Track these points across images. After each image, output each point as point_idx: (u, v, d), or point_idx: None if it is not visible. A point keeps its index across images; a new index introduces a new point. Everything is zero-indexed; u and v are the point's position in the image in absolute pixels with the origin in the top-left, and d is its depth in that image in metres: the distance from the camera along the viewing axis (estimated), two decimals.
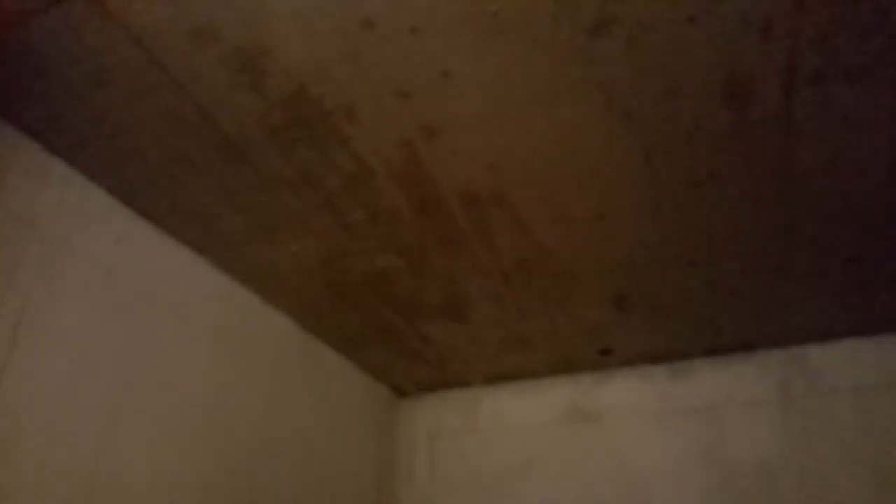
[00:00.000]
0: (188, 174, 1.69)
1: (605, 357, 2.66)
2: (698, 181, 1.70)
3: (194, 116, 1.52)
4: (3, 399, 1.42)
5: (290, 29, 1.31)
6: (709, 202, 1.77)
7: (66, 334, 1.58)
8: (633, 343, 2.54)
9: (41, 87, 1.43)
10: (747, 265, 2.03)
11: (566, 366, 2.75)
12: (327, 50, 1.35)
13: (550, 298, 2.23)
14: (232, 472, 1.99)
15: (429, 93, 1.46)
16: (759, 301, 2.23)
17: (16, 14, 1.28)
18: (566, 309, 2.30)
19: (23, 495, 1.42)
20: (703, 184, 1.71)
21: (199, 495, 1.86)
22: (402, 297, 2.25)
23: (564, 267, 2.06)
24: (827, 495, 2.28)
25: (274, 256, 2.02)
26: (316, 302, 2.28)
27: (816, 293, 2.19)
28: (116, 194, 1.76)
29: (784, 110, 1.49)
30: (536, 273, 2.10)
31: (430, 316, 2.37)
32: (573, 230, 1.89)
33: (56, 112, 1.50)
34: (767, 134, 1.55)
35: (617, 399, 2.71)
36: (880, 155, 1.62)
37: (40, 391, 1.50)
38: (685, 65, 1.38)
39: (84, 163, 1.65)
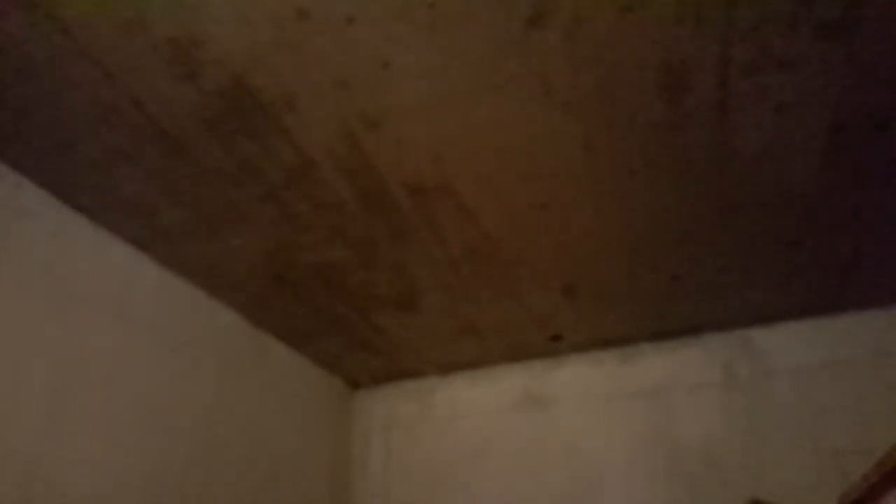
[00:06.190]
0: (124, 167, 1.65)
1: (555, 343, 2.69)
2: (635, 170, 1.72)
3: (128, 108, 1.48)
4: None
5: (223, 19, 1.29)
6: (647, 190, 1.80)
7: None
8: (582, 329, 2.57)
9: None
10: (689, 251, 2.07)
11: (518, 352, 2.77)
12: (262, 40, 1.33)
13: (500, 287, 2.25)
14: (179, 470, 1.96)
15: (368, 83, 1.45)
16: (701, 286, 2.27)
17: None
18: (515, 297, 2.31)
19: None
20: (641, 172, 1.73)
21: (146, 494, 1.83)
22: (351, 289, 2.24)
23: (512, 256, 2.07)
24: (770, 474, 2.35)
25: (217, 250, 1.99)
26: (263, 295, 2.25)
27: (757, 277, 2.24)
28: (50, 189, 1.71)
29: (719, 100, 1.52)
30: (485, 262, 2.10)
31: (380, 307, 2.36)
32: (519, 219, 1.90)
33: None
34: (703, 123, 1.58)
35: (568, 384, 2.74)
36: (814, 142, 1.66)
37: None
38: (621, 56, 1.39)
39: (14, 157, 1.61)
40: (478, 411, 2.82)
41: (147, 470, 1.86)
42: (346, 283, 2.20)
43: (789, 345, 2.52)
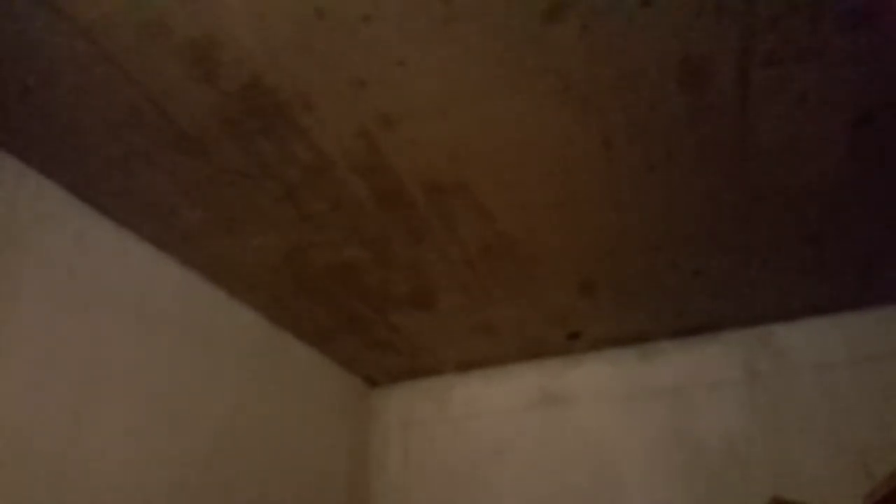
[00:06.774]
0: (145, 169, 1.66)
1: (573, 341, 2.68)
2: (655, 165, 1.71)
3: (148, 110, 1.49)
4: None
5: (242, 20, 1.29)
6: (667, 185, 1.78)
7: (26, 335, 1.56)
8: (600, 327, 2.56)
9: None
10: (709, 247, 2.05)
11: (535, 351, 2.76)
12: (280, 40, 1.34)
13: (516, 285, 2.24)
14: (203, 468, 1.98)
15: (385, 82, 1.44)
16: (722, 282, 2.25)
17: None
18: (533, 295, 2.30)
19: None
20: (660, 167, 1.71)
21: (170, 491, 1.85)
22: (368, 288, 2.24)
23: (529, 253, 2.07)
24: (793, 471, 2.32)
25: (237, 250, 2.00)
26: (282, 295, 2.26)
27: (778, 272, 2.21)
28: (73, 191, 1.73)
29: (740, 92, 1.50)
30: (501, 260, 2.10)
31: (397, 306, 2.36)
32: (536, 217, 1.90)
33: (5, 109, 1.46)
34: (724, 115, 1.56)
35: (586, 382, 2.73)
36: (838, 134, 1.64)
37: (2, 393, 1.47)
38: (640, 49, 1.38)
39: (38, 160, 1.62)
40: (495, 410, 2.81)
41: (170, 467, 1.87)
42: (364, 283, 2.21)
43: (811, 341, 2.49)
